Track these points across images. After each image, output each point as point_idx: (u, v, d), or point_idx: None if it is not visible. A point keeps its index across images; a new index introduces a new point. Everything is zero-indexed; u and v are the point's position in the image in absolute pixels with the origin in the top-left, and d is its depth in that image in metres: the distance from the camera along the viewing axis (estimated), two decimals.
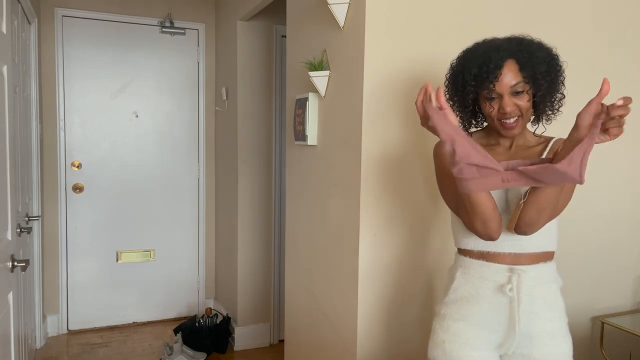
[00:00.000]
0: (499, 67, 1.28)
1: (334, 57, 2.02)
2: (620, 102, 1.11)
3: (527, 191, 1.31)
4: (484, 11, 1.97)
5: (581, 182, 1.15)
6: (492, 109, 1.33)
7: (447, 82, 1.44)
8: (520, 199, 1.33)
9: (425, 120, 1.30)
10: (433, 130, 1.28)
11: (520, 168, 1.22)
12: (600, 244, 2.32)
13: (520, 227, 1.32)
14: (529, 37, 1.36)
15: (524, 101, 1.31)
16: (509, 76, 1.29)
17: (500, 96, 1.31)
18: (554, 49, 1.36)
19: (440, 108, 1.28)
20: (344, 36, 1.95)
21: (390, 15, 1.83)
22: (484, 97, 1.34)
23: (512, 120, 1.32)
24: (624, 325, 2.21)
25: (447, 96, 1.44)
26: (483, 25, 1.93)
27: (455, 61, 1.41)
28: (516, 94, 1.30)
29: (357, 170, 1.86)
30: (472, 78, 1.31)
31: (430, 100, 1.29)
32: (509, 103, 1.30)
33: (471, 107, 1.40)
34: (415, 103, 1.32)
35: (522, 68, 1.30)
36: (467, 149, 1.24)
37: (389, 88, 1.86)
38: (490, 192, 1.33)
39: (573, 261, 2.23)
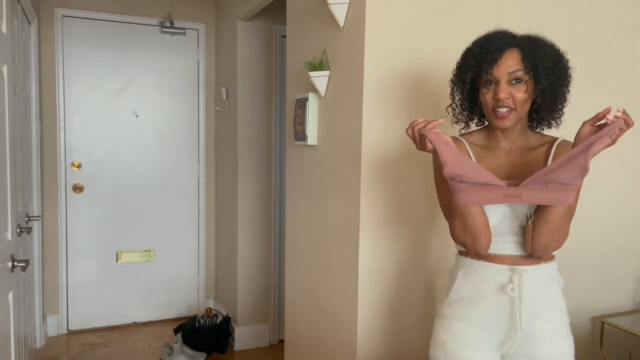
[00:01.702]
0: (500, 49, 1.27)
1: (334, 57, 2.02)
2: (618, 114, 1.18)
3: (533, 210, 1.31)
4: (484, 11, 1.97)
5: (585, 171, 1.19)
6: (487, 92, 1.31)
7: (454, 71, 1.43)
8: (526, 213, 1.33)
9: (423, 144, 1.30)
10: (432, 151, 1.29)
11: (521, 186, 1.23)
12: (601, 245, 2.32)
13: (536, 252, 1.33)
14: (542, 36, 1.34)
15: (521, 92, 1.29)
16: (509, 62, 1.28)
17: (497, 82, 1.29)
18: (565, 53, 1.33)
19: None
20: (344, 36, 1.95)
21: (390, 15, 1.83)
22: (481, 82, 1.33)
23: (504, 109, 1.29)
24: (624, 325, 2.21)
25: (452, 85, 1.44)
26: (483, 25, 1.93)
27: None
28: (514, 83, 1.29)
29: (357, 170, 1.86)
30: (472, 58, 1.32)
31: (425, 126, 1.29)
32: (504, 90, 1.28)
33: (469, 86, 1.37)
34: (406, 131, 1.33)
35: (525, 58, 1.28)
36: (467, 170, 1.24)
37: (389, 88, 1.86)
38: (493, 206, 1.33)
39: (573, 261, 2.22)
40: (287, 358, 2.53)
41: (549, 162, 1.36)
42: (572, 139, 1.44)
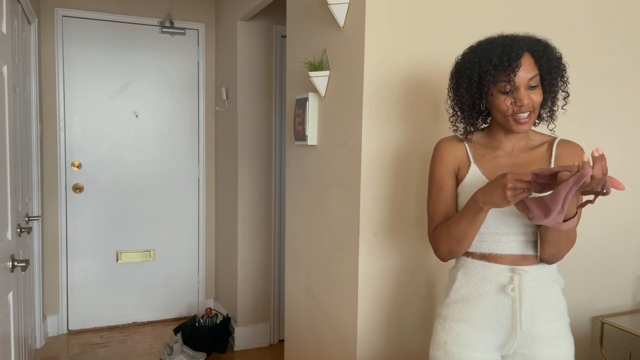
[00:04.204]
0: (519, 56, 1.28)
1: (334, 57, 2.02)
2: (596, 155, 1.08)
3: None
4: (484, 11, 1.97)
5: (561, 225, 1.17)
6: (507, 99, 1.30)
7: (453, 78, 1.41)
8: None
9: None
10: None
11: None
12: (601, 245, 2.32)
13: (547, 261, 1.37)
14: (538, 36, 1.36)
15: (538, 95, 1.31)
16: (526, 68, 1.29)
17: (517, 89, 1.29)
18: (559, 49, 1.37)
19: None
20: (344, 36, 1.95)
21: (391, 15, 1.83)
22: (497, 91, 1.31)
23: (525, 114, 1.30)
24: (624, 325, 2.21)
25: (452, 94, 1.42)
26: (483, 24, 1.93)
27: (460, 57, 1.39)
28: (531, 87, 1.30)
29: (357, 170, 1.86)
30: (492, 67, 1.29)
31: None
32: (526, 95, 1.29)
33: (481, 102, 1.36)
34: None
35: (538, 61, 1.30)
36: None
37: (389, 88, 1.86)
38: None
39: (573, 261, 2.22)
40: (287, 358, 2.53)
41: (552, 162, 1.38)
42: (574, 135, 1.45)
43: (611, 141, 2.29)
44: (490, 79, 1.30)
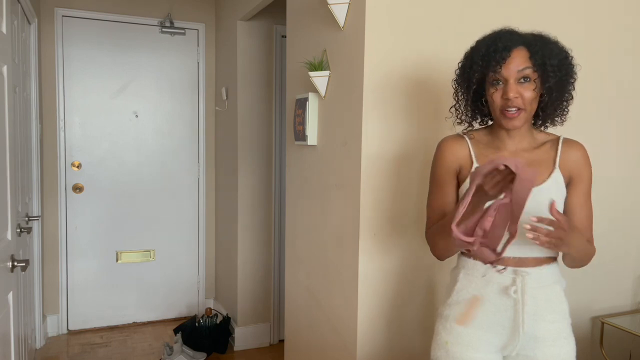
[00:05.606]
0: (508, 49, 1.26)
1: (334, 57, 2.02)
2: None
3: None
4: (484, 11, 1.97)
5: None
6: (495, 91, 1.29)
7: (456, 71, 1.42)
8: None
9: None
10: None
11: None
12: (600, 245, 2.32)
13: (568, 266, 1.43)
14: (547, 34, 1.33)
15: (530, 90, 1.28)
16: (517, 61, 1.26)
17: (506, 81, 1.27)
18: (569, 50, 1.33)
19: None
20: (344, 36, 1.95)
21: (391, 15, 1.83)
22: (489, 82, 1.30)
23: (513, 109, 1.28)
24: (624, 325, 2.21)
25: (455, 86, 1.43)
26: (483, 24, 1.93)
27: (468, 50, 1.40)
28: (522, 81, 1.27)
29: (357, 170, 1.86)
30: (480, 58, 1.29)
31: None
32: (513, 89, 1.26)
33: (475, 87, 1.35)
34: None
35: (533, 55, 1.27)
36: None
37: (389, 88, 1.86)
38: None
39: None
40: (287, 358, 2.53)
41: (557, 162, 1.36)
42: (573, 136, 1.44)
43: (610, 141, 2.29)
44: (477, 70, 1.30)
